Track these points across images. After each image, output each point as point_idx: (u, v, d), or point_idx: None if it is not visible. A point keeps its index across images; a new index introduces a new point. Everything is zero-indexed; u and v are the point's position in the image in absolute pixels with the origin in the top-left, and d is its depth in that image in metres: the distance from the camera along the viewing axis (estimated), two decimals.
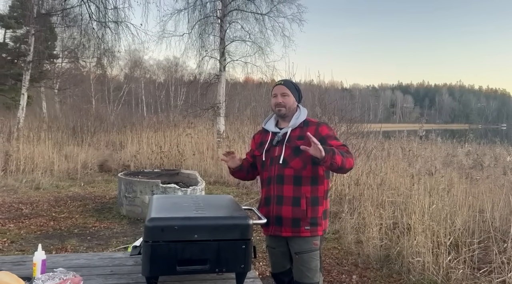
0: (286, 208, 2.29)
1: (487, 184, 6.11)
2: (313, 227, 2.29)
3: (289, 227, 2.29)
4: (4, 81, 20.98)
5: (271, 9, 13.45)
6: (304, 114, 2.43)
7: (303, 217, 2.27)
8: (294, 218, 2.28)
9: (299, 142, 2.28)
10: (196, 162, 10.70)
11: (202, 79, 14.94)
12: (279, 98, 2.41)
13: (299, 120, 2.40)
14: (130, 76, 35.88)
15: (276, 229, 2.33)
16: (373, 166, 7.27)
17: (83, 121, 15.22)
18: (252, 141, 2.63)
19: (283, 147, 2.34)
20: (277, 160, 2.34)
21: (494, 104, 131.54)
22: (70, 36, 16.21)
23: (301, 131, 2.36)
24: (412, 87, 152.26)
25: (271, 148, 2.40)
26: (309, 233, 2.29)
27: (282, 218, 2.30)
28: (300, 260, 2.31)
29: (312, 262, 2.31)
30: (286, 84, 2.47)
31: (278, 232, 2.33)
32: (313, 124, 2.38)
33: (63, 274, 1.77)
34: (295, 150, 2.29)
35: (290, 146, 2.32)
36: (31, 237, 5.08)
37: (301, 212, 2.27)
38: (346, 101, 10.30)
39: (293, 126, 2.38)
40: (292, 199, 2.28)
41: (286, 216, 2.29)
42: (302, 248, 2.30)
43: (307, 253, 2.30)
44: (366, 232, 4.65)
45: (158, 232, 1.73)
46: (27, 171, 9.20)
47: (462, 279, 3.55)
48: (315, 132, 2.31)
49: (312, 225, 2.29)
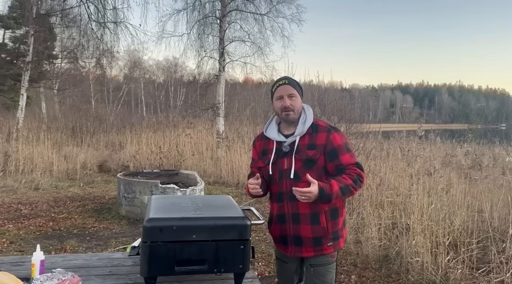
0: (304, 227, 2.04)
1: (486, 184, 6.12)
2: (336, 242, 2.09)
3: (310, 247, 2.06)
4: (3, 81, 20.96)
5: (270, 9, 13.44)
6: (310, 117, 2.11)
7: (325, 234, 2.05)
8: (315, 237, 2.04)
9: (310, 152, 2.03)
10: (195, 162, 10.71)
11: (201, 79, 14.92)
12: (287, 101, 2.07)
13: (307, 125, 2.08)
14: (130, 77, 35.93)
15: (296, 250, 2.09)
16: (372, 166, 7.27)
17: (82, 121, 15.23)
18: (253, 150, 2.31)
19: (292, 159, 2.04)
20: (287, 174, 2.05)
21: (494, 104, 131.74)
22: (69, 36, 16.21)
23: (311, 138, 2.06)
24: (412, 87, 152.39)
25: (277, 160, 2.09)
26: (332, 249, 2.09)
27: (301, 238, 2.06)
28: (315, 273, 2.09)
29: (328, 275, 2.11)
30: (291, 83, 2.12)
31: (298, 253, 2.10)
32: (324, 130, 2.07)
33: (62, 275, 1.78)
34: (306, 162, 2.03)
35: (300, 158, 2.03)
36: (30, 237, 5.08)
37: (321, 230, 2.04)
38: (345, 101, 10.28)
39: (301, 134, 2.07)
40: (310, 216, 2.03)
41: (306, 236, 2.05)
42: (318, 261, 2.09)
43: (323, 266, 2.09)
44: (365, 232, 4.65)
45: (156, 232, 1.73)
46: (26, 172, 9.20)
47: (461, 279, 3.56)
48: (326, 140, 2.03)
49: (334, 240, 2.09)
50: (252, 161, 2.31)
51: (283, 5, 13.47)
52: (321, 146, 2.04)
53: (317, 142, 2.04)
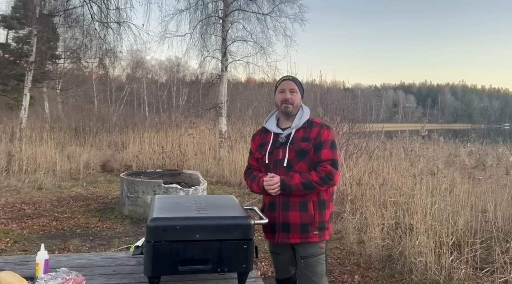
0: (293, 213, 2.20)
1: (489, 184, 6.09)
2: (321, 232, 2.24)
3: (297, 233, 2.21)
4: (6, 81, 21.06)
5: (273, 9, 13.42)
6: (307, 113, 2.33)
7: (312, 222, 2.20)
8: (302, 224, 2.20)
9: (303, 144, 2.22)
10: (198, 162, 10.71)
11: (204, 79, 14.93)
12: (288, 94, 2.28)
13: (303, 120, 2.29)
14: (132, 77, 35.99)
15: (283, 236, 2.24)
16: (375, 166, 7.27)
17: (85, 121, 15.26)
18: (252, 143, 2.49)
19: (286, 149, 2.24)
20: (281, 163, 2.24)
21: (497, 103, 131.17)
22: (72, 36, 16.21)
23: (305, 132, 2.26)
24: (415, 86, 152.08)
25: (274, 150, 2.29)
26: (317, 238, 2.22)
27: (289, 224, 2.21)
28: (306, 265, 2.24)
29: (318, 266, 2.25)
30: (294, 80, 2.35)
31: (286, 239, 2.24)
32: (317, 126, 2.28)
33: (66, 274, 1.78)
34: (299, 153, 2.22)
35: (294, 149, 2.23)
36: (33, 237, 5.10)
37: (309, 217, 2.20)
38: (348, 101, 10.25)
39: (296, 127, 2.28)
40: (299, 204, 2.20)
41: (294, 221, 2.20)
42: (308, 252, 2.24)
43: (313, 257, 2.24)
44: (368, 232, 4.64)
45: (160, 232, 1.74)
46: (29, 172, 9.23)
47: (465, 279, 3.54)
48: (317, 133, 2.24)
49: (320, 230, 2.23)
50: (250, 154, 2.49)
51: (285, 5, 13.45)
52: (312, 138, 2.24)
53: (310, 135, 2.25)
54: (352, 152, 8.07)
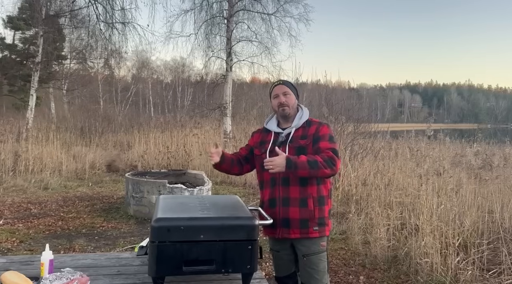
0: (293, 209, 2.26)
1: (496, 184, 6.03)
2: (321, 228, 2.28)
3: (297, 229, 2.26)
4: (13, 82, 21.24)
5: (277, 9, 13.44)
6: (306, 114, 2.41)
7: (311, 218, 2.25)
8: (302, 219, 2.25)
9: (302, 141, 2.29)
10: (202, 162, 10.71)
11: (208, 79, 14.98)
12: (282, 98, 2.38)
13: (302, 120, 2.38)
14: (138, 77, 36.13)
15: (284, 232, 2.29)
16: (380, 166, 7.24)
17: (91, 121, 15.35)
18: (250, 139, 2.58)
19: (286, 147, 2.30)
20: None
21: (504, 103, 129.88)
22: (78, 37, 16.35)
23: (304, 131, 2.34)
24: (420, 86, 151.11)
25: (274, 148, 2.33)
26: (317, 234, 2.27)
27: (289, 219, 2.26)
28: (308, 263, 2.28)
29: (320, 263, 2.29)
30: (285, 84, 2.45)
31: (286, 234, 2.29)
32: (315, 124, 2.36)
33: (70, 274, 1.79)
34: (298, 150, 2.27)
35: (294, 147, 2.29)
36: (39, 236, 5.13)
37: (308, 213, 2.25)
38: (353, 101, 10.23)
39: (296, 126, 2.36)
40: (300, 200, 2.26)
41: (294, 217, 2.25)
42: (310, 250, 2.28)
43: (315, 255, 2.28)
44: (373, 233, 4.62)
45: (164, 232, 1.73)
46: (35, 171, 9.28)
47: (471, 281, 3.51)
48: (315, 130, 2.31)
49: (320, 226, 2.27)
50: (246, 145, 2.59)
51: (290, 5, 13.47)
52: (311, 135, 2.32)
53: (308, 133, 2.33)
54: (357, 152, 8.04)
